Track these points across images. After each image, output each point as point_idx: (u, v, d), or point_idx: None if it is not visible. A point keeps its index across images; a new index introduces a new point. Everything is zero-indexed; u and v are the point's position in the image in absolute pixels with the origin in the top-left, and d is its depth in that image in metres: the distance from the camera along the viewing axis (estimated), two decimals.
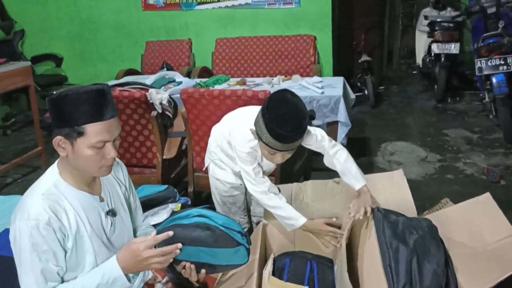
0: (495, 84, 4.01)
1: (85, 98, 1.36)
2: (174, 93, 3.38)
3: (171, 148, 3.03)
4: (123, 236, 1.64)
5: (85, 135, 1.37)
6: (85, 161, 1.42)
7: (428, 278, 1.52)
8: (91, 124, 1.37)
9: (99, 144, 1.40)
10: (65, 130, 1.38)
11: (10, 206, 2.69)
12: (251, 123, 1.89)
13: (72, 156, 1.42)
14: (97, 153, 1.41)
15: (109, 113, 1.40)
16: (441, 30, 5.27)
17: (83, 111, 1.36)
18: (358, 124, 4.80)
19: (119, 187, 1.68)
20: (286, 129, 1.73)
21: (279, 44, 4.95)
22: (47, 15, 5.73)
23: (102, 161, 1.44)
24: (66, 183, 1.47)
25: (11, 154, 4.52)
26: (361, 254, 1.79)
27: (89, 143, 1.38)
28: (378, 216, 1.77)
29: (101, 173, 1.49)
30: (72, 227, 1.44)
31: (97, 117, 1.38)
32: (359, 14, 6.09)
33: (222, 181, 2.22)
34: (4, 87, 3.75)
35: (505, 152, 3.95)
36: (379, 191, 2.14)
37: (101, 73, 5.57)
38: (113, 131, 1.42)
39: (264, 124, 1.76)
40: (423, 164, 3.80)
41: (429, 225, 1.73)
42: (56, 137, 1.39)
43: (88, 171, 1.46)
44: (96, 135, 1.38)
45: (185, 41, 5.24)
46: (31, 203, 1.40)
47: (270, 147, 1.80)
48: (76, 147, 1.39)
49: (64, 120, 1.37)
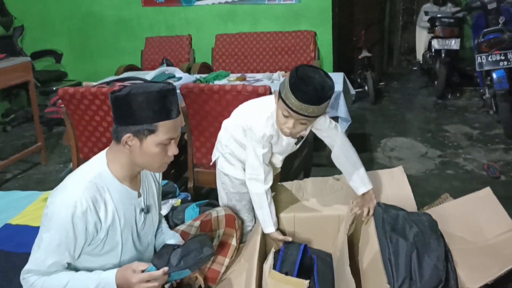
0: (495, 80, 4.01)
1: (157, 97, 1.41)
2: None
3: None
4: (148, 233, 1.67)
5: (156, 132, 1.42)
6: (150, 158, 1.46)
7: (428, 272, 1.52)
8: (163, 122, 1.42)
9: (167, 141, 1.45)
10: (136, 128, 1.41)
11: (10, 201, 2.70)
12: (270, 105, 1.89)
13: (137, 153, 1.45)
14: (162, 150, 1.46)
15: (176, 111, 1.46)
16: (441, 26, 5.26)
17: (155, 109, 1.40)
18: (358, 120, 4.80)
19: (154, 185, 1.71)
20: (308, 87, 1.69)
21: (279, 40, 4.94)
22: (46, 10, 5.71)
23: (165, 158, 1.49)
24: (112, 175, 1.49)
25: (11, 149, 4.52)
26: (361, 248, 1.79)
27: (159, 140, 1.43)
28: (378, 210, 1.77)
29: (161, 169, 1.54)
30: (108, 219, 1.47)
31: (168, 115, 1.43)
32: (359, 10, 6.09)
33: (230, 177, 2.17)
34: (3, 82, 3.74)
35: (505, 147, 3.95)
36: (379, 188, 2.14)
37: (101, 68, 5.56)
38: (178, 128, 1.49)
39: (289, 79, 1.72)
40: (423, 160, 3.80)
41: (429, 219, 1.73)
42: (125, 135, 1.42)
43: (150, 166, 1.51)
44: (166, 132, 1.43)
45: (185, 37, 5.22)
46: (74, 188, 1.42)
47: (286, 104, 1.73)
48: (145, 144, 1.43)
49: (136, 119, 1.41)
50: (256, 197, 1.96)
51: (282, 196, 2.21)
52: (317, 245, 2.03)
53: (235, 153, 2.13)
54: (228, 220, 1.96)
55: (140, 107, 1.40)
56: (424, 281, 1.51)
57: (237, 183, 2.17)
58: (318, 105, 1.71)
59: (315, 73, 1.73)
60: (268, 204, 1.95)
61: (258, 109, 1.98)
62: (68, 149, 3.92)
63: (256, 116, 1.94)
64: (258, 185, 1.95)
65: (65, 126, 3.04)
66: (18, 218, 2.45)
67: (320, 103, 1.71)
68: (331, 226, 2.02)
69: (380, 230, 1.68)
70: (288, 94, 1.71)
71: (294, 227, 2.04)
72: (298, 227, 2.03)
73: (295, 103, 1.71)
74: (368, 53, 5.69)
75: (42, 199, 2.63)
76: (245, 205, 2.21)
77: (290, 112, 1.75)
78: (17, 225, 2.39)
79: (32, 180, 3.86)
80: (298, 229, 2.05)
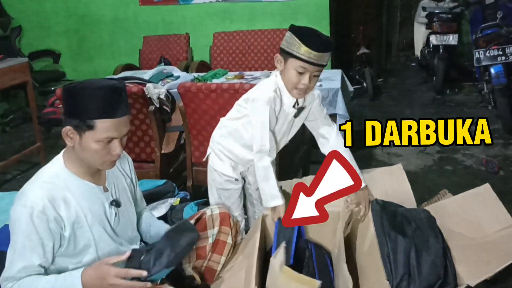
0: (493, 75, 4.00)
1: (100, 94, 1.39)
2: (172, 87, 3.37)
3: (170, 142, 3.03)
4: (127, 228, 1.66)
5: (94, 129, 1.40)
6: (90, 154, 1.45)
7: (426, 268, 1.52)
8: (102, 120, 1.40)
9: (106, 140, 1.43)
10: (76, 121, 1.41)
11: (10, 202, 2.67)
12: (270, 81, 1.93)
13: (78, 147, 1.45)
14: (103, 148, 1.44)
15: (121, 111, 1.43)
16: (439, 21, 5.26)
17: (96, 106, 1.39)
18: (357, 117, 4.78)
19: (124, 180, 1.70)
20: (318, 36, 1.76)
21: (277, 37, 4.93)
22: (44, 11, 5.71)
23: (107, 156, 1.47)
24: (70, 172, 1.49)
25: (10, 150, 4.51)
26: (359, 245, 1.79)
27: (97, 138, 1.41)
28: (376, 207, 1.77)
29: (104, 166, 1.52)
30: (71, 216, 1.46)
31: (109, 114, 1.40)
32: (357, 6, 6.08)
33: (219, 172, 2.19)
34: (1, 83, 3.73)
35: (504, 143, 3.95)
36: (378, 186, 2.13)
37: (99, 68, 5.56)
38: (122, 128, 1.45)
39: (296, 35, 1.76)
40: (422, 156, 3.80)
41: (427, 216, 1.73)
42: (66, 127, 1.42)
43: (92, 163, 1.49)
44: (105, 131, 1.41)
45: (182, 36, 5.21)
46: (29, 190, 1.43)
47: (302, 59, 1.77)
48: (84, 140, 1.42)
49: (76, 112, 1.40)
50: (262, 170, 1.95)
51: None
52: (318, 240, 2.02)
53: (226, 148, 2.14)
54: (223, 218, 1.94)
55: (83, 102, 1.39)
56: (422, 277, 1.51)
57: (224, 179, 2.18)
58: (329, 51, 1.79)
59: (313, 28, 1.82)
60: (274, 176, 1.95)
61: (258, 86, 2.02)
62: None
63: (260, 87, 1.99)
64: (264, 157, 1.94)
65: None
66: None
67: (331, 48, 1.79)
68: (330, 223, 2.01)
69: (379, 227, 1.68)
70: (301, 49, 1.75)
71: None
72: None
73: (312, 54, 1.75)
74: (366, 49, 5.68)
75: None
76: (233, 202, 2.22)
77: (306, 66, 1.78)
78: None
79: None
80: None
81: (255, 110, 1.95)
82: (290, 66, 1.83)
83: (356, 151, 2.27)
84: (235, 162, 2.16)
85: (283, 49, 1.84)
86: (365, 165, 2.34)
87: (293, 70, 1.82)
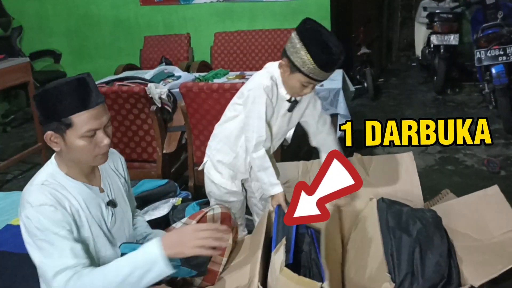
0: (494, 75, 4.00)
1: (67, 90, 1.36)
2: (173, 87, 3.38)
3: (171, 142, 3.03)
4: (123, 228, 1.65)
5: (73, 126, 1.38)
6: (79, 152, 1.42)
7: (430, 268, 1.52)
8: (77, 114, 1.37)
9: (89, 133, 1.40)
10: (54, 125, 1.39)
11: (11, 202, 2.70)
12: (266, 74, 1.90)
13: (65, 149, 1.42)
14: (89, 143, 1.41)
15: (93, 101, 1.39)
16: (440, 21, 5.25)
17: (66, 102, 1.36)
18: (358, 117, 4.78)
19: (119, 179, 1.68)
20: (331, 56, 1.70)
21: (278, 37, 4.93)
22: (44, 11, 5.71)
23: (96, 150, 1.44)
24: (65, 175, 1.47)
25: (11, 150, 4.52)
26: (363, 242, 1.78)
27: (79, 134, 1.39)
28: (382, 206, 1.77)
29: (97, 161, 1.49)
30: (75, 215, 1.44)
31: (81, 106, 1.37)
32: (357, 6, 6.08)
33: (218, 185, 2.15)
34: (3, 83, 3.74)
35: (505, 142, 3.95)
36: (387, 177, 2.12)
37: (100, 68, 5.55)
38: (101, 118, 1.42)
39: (308, 51, 1.69)
40: (423, 156, 3.80)
41: (433, 215, 1.73)
42: (47, 133, 1.40)
43: (84, 161, 1.47)
44: (84, 124, 1.38)
45: (183, 36, 5.21)
46: (30, 194, 1.40)
47: (310, 77, 1.75)
48: (68, 140, 1.40)
49: (50, 115, 1.38)
50: (258, 160, 1.93)
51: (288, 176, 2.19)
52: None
53: (223, 157, 2.10)
54: (224, 218, 1.92)
55: (53, 103, 1.36)
56: (426, 277, 1.51)
57: (224, 192, 2.15)
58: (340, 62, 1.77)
59: (324, 30, 1.74)
60: (271, 164, 1.93)
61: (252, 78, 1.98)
62: None
63: (254, 79, 1.96)
64: (259, 149, 1.92)
65: None
66: (19, 219, 2.45)
67: (342, 59, 1.76)
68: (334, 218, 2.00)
69: (383, 226, 1.68)
70: (311, 67, 1.71)
71: None
72: None
73: (322, 73, 1.74)
74: (367, 49, 5.68)
75: None
76: (234, 213, 2.17)
77: (313, 82, 1.78)
78: (18, 225, 2.37)
79: None
80: None
81: (252, 100, 1.90)
82: (296, 78, 1.80)
83: (357, 151, 2.27)
84: (234, 171, 2.12)
85: (291, 59, 1.76)
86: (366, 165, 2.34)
87: (298, 82, 1.81)
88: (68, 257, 1.34)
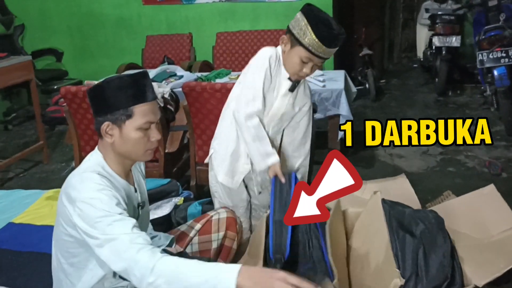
0: (496, 77, 4.01)
1: (129, 82, 1.42)
2: (176, 87, 3.38)
3: (173, 142, 3.03)
4: (144, 230, 1.64)
5: (133, 116, 1.42)
6: (132, 144, 1.45)
7: (434, 269, 1.53)
8: (138, 105, 1.42)
9: (146, 125, 1.44)
10: (113, 115, 1.42)
11: (12, 200, 2.71)
12: None
13: (119, 141, 1.45)
14: (144, 135, 1.45)
15: (151, 94, 1.46)
16: (442, 23, 5.26)
17: (129, 94, 1.41)
18: (359, 118, 4.79)
19: (143, 180, 1.70)
20: (332, 31, 1.72)
21: (280, 37, 4.92)
22: (47, 9, 5.71)
23: (148, 144, 1.48)
24: (112, 170, 1.49)
25: (12, 148, 4.52)
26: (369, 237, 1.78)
27: (137, 125, 1.43)
28: (384, 207, 1.77)
29: (146, 156, 1.52)
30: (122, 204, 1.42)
31: (142, 98, 1.43)
32: (359, 7, 6.08)
33: (225, 186, 2.13)
34: (5, 81, 3.75)
35: (506, 144, 3.95)
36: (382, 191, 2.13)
37: (102, 67, 5.56)
38: (156, 111, 1.48)
39: (310, 24, 1.72)
40: (425, 157, 3.80)
41: (436, 216, 1.73)
42: (104, 123, 1.43)
43: (135, 154, 1.49)
44: (144, 115, 1.43)
45: (185, 35, 5.22)
46: (88, 179, 1.38)
47: (310, 51, 1.76)
48: (124, 131, 1.43)
49: (111, 105, 1.42)
50: (253, 128, 1.89)
51: None
52: None
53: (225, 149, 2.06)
54: (230, 223, 1.91)
55: (114, 93, 1.41)
56: (430, 277, 1.51)
57: (226, 192, 2.14)
58: (340, 43, 1.78)
59: (329, 17, 1.78)
60: (266, 134, 1.91)
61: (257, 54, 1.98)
62: (70, 148, 3.92)
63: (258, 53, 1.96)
64: (254, 117, 1.89)
65: (67, 125, 3.05)
66: (21, 217, 2.46)
67: (340, 43, 1.78)
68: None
69: (387, 226, 1.68)
70: (312, 40, 1.72)
71: None
72: None
73: (322, 48, 1.74)
74: (369, 50, 5.69)
75: (45, 198, 2.63)
76: (242, 213, 2.16)
77: (312, 58, 1.78)
78: (20, 224, 2.40)
79: (34, 179, 3.86)
80: None
81: (253, 70, 1.90)
82: (296, 52, 1.81)
83: (358, 151, 2.28)
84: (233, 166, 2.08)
85: (293, 33, 1.79)
86: (367, 166, 2.35)
87: (298, 57, 1.81)
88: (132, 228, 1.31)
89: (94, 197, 1.34)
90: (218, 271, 1.22)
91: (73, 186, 1.40)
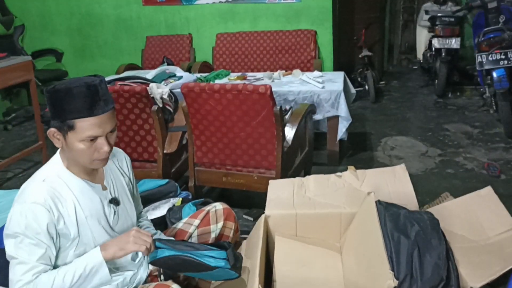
0: (495, 79, 4.01)
1: (75, 93, 1.37)
2: (175, 87, 3.39)
3: (172, 142, 3.03)
4: (126, 226, 1.66)
5: (75, 129, 1.40)
6: (77, 154, 1.45)
7: (429, 270, 1.53)
8: (81, 120, 1.39)
9: (89, 139, 1.42)
10: (57, 123, 1.41)
11: (11, 200, 2.66)
12: None
13: (66, 148, 1.46)
14: (89, 147, 1.43)
15: (100, 109, 1.41)
16: (441, 25, 5.26)
17: (73, 106, 1.38)
18: (359, 119, 4.80)
19: (123, 178, 1.70)
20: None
21: (280, 39, 4.95)
22: (47, 10, 5.72)
23: (95, 155, 1.46)
24: (68, 171, 1.50)
25: (12, 148, 4.53)
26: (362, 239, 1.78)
27: (79, 138, 1.41)
28: (379, 208, 1.78)
29: (95, 165, 1.51)
30: (71, 215, 1.47)
31: (87, 112, 1.39)
32: (359, 8, 6.08)
33: None
34: (4, 81, 3.74)
35: (505, 146, 3.95)
36: (381, 186, 2.14)
37: (102, 67, 5.56)
38: (105, 126, 1.43)
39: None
40: (424, 159, 3.80)
41: (430, 218, 1.73)
42: (50, 129, 1.44)
43: (81, 162, 1.49)
44: (86, 130, 1.40)
45: (185, 36, 5.23)
46: (30, 189, 1.44)
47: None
48: (68, 140, 1.42)
49: (56, 113, 1.40)
50: None
51: (284, 193, 2.21)
52: (318, 243, 2.03)
53: None
54: (228, 214, 1.95)
55: (60, 103, 1.38)
56: (425, 279, 1.52)
57: None
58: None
59: None
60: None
61: None
62: None
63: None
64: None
65: None
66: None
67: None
68: (333, 224, 2.02)
69: (381, 228, 1.69)
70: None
71: (296, 224, 2.04)
72: (299, 224, 2.04)
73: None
74: (369, 52, 5.69)
75: None
76: None
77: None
78: None
79: None
80: (300, 226, 2.05)
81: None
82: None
83: (358, 153, 2.28)
84: None
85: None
86: (366, 167, 2.34)
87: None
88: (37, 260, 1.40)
89: (21, 210, 1.41)
90: (84, 259, 1.46)
91: (18, 194, 1.47)
